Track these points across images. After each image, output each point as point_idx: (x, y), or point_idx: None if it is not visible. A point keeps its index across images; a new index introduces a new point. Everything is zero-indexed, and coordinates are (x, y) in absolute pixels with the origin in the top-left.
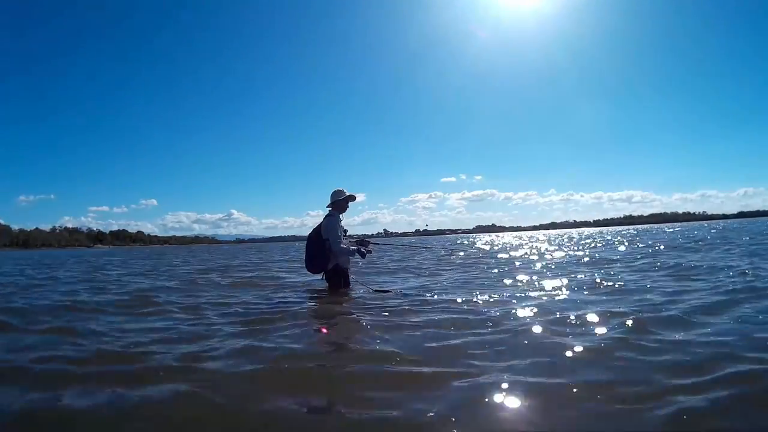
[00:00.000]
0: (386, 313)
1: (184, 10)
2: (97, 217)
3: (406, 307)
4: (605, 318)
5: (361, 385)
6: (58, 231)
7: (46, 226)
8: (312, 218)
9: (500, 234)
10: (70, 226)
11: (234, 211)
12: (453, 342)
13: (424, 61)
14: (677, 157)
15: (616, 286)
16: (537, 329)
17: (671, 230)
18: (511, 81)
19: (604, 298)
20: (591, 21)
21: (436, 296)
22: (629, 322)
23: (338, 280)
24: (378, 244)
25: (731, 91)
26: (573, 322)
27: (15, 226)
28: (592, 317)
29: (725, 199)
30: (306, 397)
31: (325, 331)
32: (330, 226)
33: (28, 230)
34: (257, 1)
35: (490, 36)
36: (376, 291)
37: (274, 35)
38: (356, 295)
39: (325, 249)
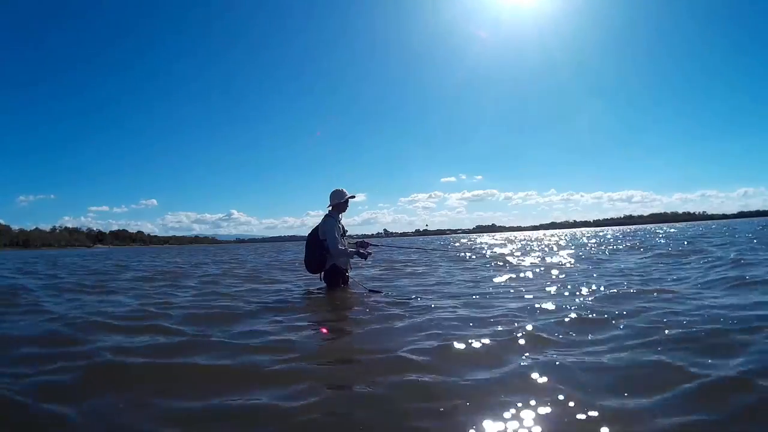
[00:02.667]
0: (383, 313)
1: (184, 12)
2: (97, 217)
3: (402, 309)
4: None
5: (364, 382)
6: (58, 231)
7: (46, 226)
8: (312, 218)
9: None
10: (70, 226)
11: (234, 211)
12: (449, 340)
13: (424, 61)
14: (677, 157)
15: None
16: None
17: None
18: (512, 81)
19: None
20: (591, 22)
21: (430, 298)
22: None
23: (336, 280)
24: (377, 245)
25: (731, 91)
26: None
27: (15, 226)
28: None
29: (725, 199)
30: (308, 395)
31: (325, 330)
32: (327, 226)
33: (28, 230)
34: (258, 3)
35: (490, 36)
36: (369, 291)
37: (275, 36)
38: (354, 295)
39: (323, 249)
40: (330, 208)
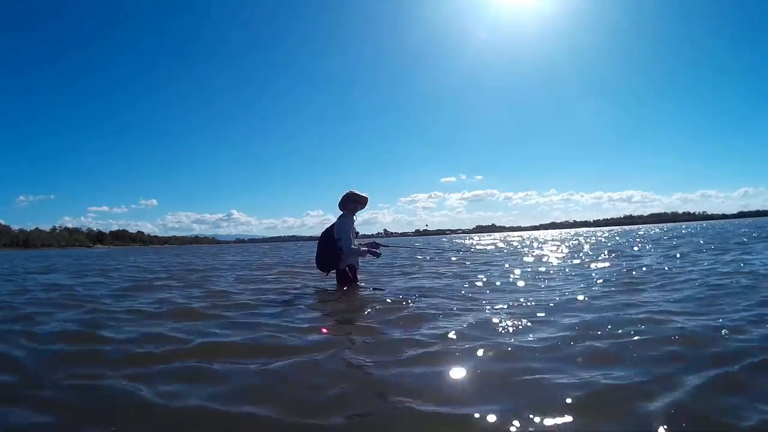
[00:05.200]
0: (388, 315)
1: (183, 11)
2: (97, 217)
3: (408, 309)
4: None
5: (357, 382)
6: (58, 231)
7: (46, 226)
8: (312, 218)
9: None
10: (69, 226)
11: (234, 211)
12: (450, 344)
13: (424, 61)
14: (677, 157)
15: None
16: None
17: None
18: (511, 81)
19: None
20: (591, 21)
21: (434, 297)
22: None
23: (348, 279)
24: (388, 246)
25: (731, 92)
26: None
27: (15, 226)
28: None
29: (725, 199)
30: (304, 394)
31: (325, 330)
32: (344, 226)
33: (28, 230)
34: (258, 4)
35: (489, 36)
36: (374, 289)
37: (275, 36)
38: (362, 295)
39: (336, 249)
40: (344, 209)
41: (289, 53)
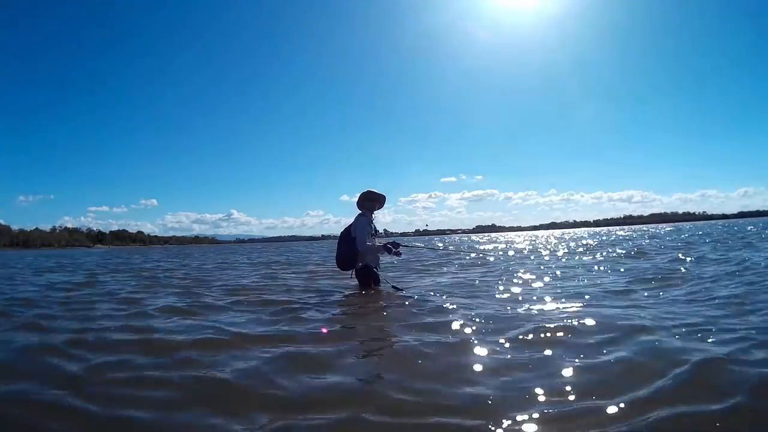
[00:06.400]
0: (400, 320)
1: (184, 11)
2: (96, 217)
3: (416, 309)
4: None
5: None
6: (57, 231)
7: (45, 226)
8: (312, 218)
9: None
10: (69, 226)
11: (234, 211)
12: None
13: (424, 61)
14: (677, 157)
15: None
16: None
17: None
18: (512, 81)
19: None
20: (591, 21)
21: (453, 298)
22: None
23: (367, 278)
24: (408, 246)
25: (731, 92)
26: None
27: (15, 226)
28: None
29: (725, 199)
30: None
31: (325, 330)
32: (359, 224)
33: (28, 230)
34: (259, 2)
35: (490, 36)
36: (393, 287)
37: (276, 36)
38: (376, 295)
39: (353, 247)
40: (361, 207)
41: (290, 54)
